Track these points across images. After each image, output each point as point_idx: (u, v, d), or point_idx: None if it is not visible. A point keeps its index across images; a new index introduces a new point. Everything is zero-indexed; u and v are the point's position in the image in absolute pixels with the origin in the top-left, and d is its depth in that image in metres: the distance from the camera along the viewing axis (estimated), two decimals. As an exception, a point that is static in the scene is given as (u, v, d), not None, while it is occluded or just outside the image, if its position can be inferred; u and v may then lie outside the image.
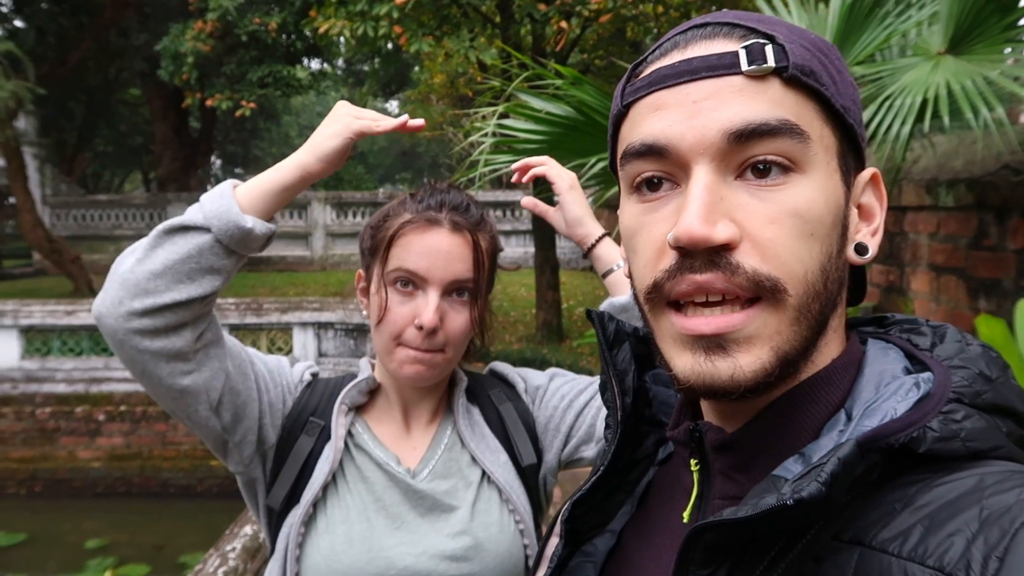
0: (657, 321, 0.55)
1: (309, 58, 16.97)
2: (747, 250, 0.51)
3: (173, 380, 1.03)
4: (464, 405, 1.22)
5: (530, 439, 1.23)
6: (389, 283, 1.11)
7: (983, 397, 0.51)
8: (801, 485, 0.45)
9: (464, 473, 1.17)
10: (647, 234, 0.55)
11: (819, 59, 0.54)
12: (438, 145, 29.97)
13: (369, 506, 1.13)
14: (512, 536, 1.14)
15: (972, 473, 0.47)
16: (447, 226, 1.11)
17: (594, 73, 11.50)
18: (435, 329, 1.09)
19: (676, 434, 0.62)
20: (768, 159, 0.51)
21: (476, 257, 1.12)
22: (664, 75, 0.54)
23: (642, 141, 0.54)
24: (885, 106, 2.15)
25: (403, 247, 1.10)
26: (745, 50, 0.52)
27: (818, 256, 0.52)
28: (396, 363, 1.12)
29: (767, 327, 0.51)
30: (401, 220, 1.12)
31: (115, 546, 6.77)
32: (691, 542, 0.49)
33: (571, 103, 2.38)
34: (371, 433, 1.19)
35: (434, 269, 1.09)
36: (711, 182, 0.51)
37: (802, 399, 0.55)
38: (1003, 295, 2.42)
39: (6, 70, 10.76)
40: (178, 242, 1.00)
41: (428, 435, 1.21)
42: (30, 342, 8.00)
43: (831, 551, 0.47)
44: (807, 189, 0.52)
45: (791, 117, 0.52)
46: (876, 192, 0.60)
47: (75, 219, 18.11)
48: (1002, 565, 0.40)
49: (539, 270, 10.24)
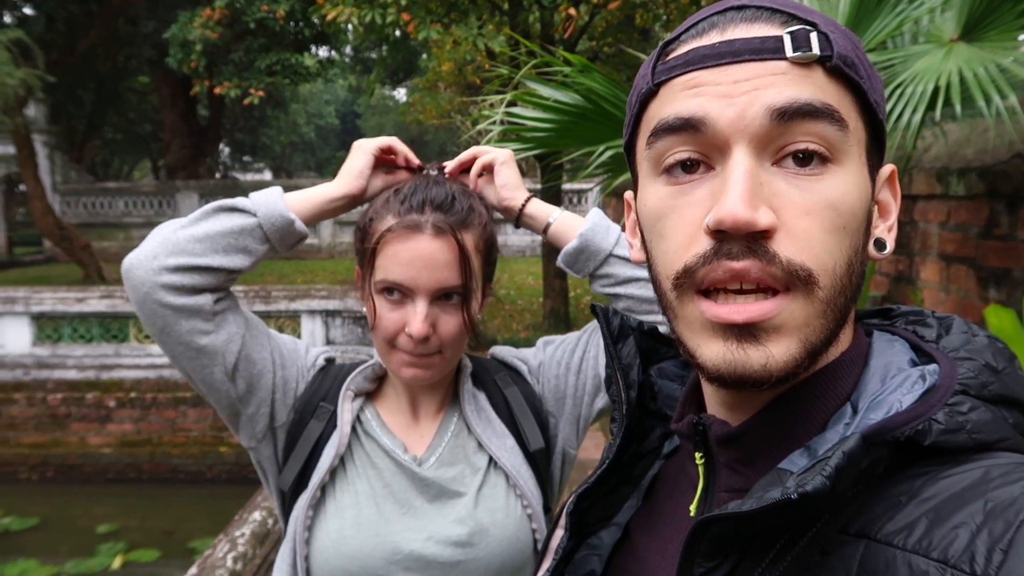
0: (683, 307, 0.53)
1: (317, 46, 16.93)
2: (783, 239, 0.50)
3: (192, 338, 1.09)
4: (470, 391, 1.22)
5: (538, 424, 1.23)
6: (377, 292, 1.10)
7: (989, 388, 0.50)
8: (805, 479, 0.44)
9: (471, 459, 1.18)
10: (678, 217, 0.53)
11: (855, 51, 0.54)
12: (446, 132, 29.91)
13: (378, 491, 1.14)
14: (519, 520, 1.15)
15: (978, 465, 0.46)
16: (429, 231, 1.08)
17: (603, 61, 11.44)
18: (427, 336, 1.08)
19: (680, 427, 0.62)
20: (810, 148, 0.51)
21: (462, 260, 1.09)
22: (703, 55, 0.53)
23: (677, 115, 0.53)
24: (897, 94, 2.13)
25: (387, 257, 1.08)
26: (790, 36, 0.51)
27: (847, 250, 0.52)
28: (394, 366, 1.13)
29: (795, 317, 0.50)
30: (384, 227, 1.09)
31: (126, 531, 6.83)
32: (696, 535, 0.49)
33: (579, 91, 2.37)
34: (380, 420, 1.20)
35: (419, 279, 1.07)
36: (751, 165, 0.50)
37: (809, 392, 0.54)
38: (1013, 285, 2.40)
39: (16, 58, 10.78)
40: (223, 219, 1.10)
41: (435, 423, 1.21)
42: (41, 329, 8.06)
43: (837, 544, 0.47)
44: (843, 182, 0.51)
45: (834, 103, 0.51)
46: (892, 189, 0.59)
47: (85, 207, 18.20)
48: (1006, 557, 0.40)
49: (547, 258, 10.23)
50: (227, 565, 3.39)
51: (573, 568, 0.67)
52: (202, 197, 17.98)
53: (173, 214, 18.02)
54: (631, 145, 0.60)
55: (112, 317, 7.93)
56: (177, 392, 7.78)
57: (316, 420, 1.18)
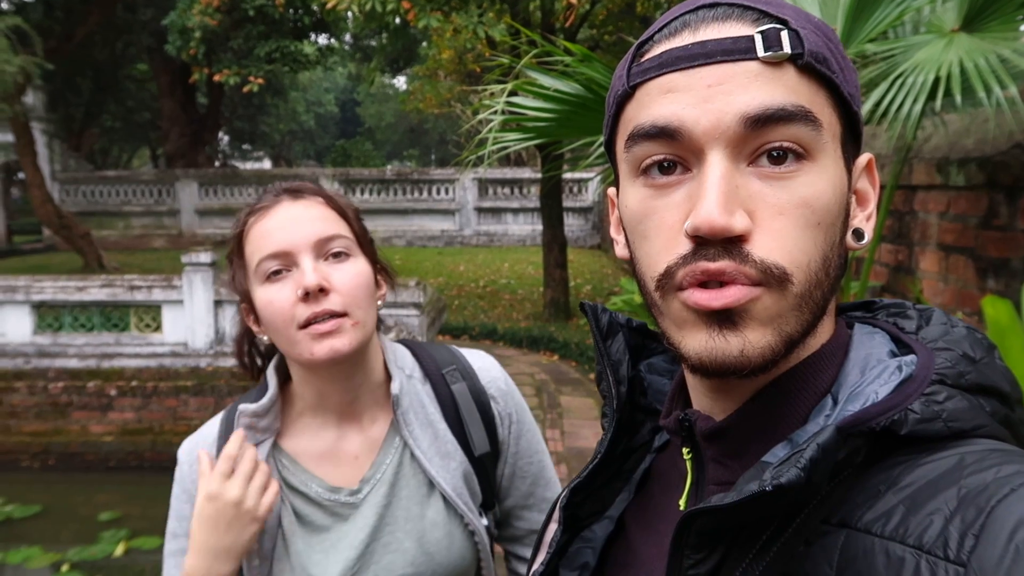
0: (667, 304, 0.55)
1: (316, 33, 16.86)
2: (758, 240, 0.51)
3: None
4: (410, 408, 1.13)
5: (485, 427, 1.16)
6: (261, 282, 1.03)
7: (966, 378, 0.51)
8: (781, 471, 0.46)
9: (413, 487, 1.11)
10: (658, 220, 0.54)
11: (827, 45, 0.54)
12: (446, 121, 29.83)
13: (317, 544, 1.08)
14: (462, 542, 1.12)
15: (953, 452, 0.47)
16: (287, 198, 1.06)
17: (603, 49, 11.40)
18: (323, 289, 1.00)
19: (668, 423, 0.63)
20: (784, 146, 0.51)
21: (334, 209, 1.07)
22: (676, 56, 0.53)
23: (653, 123, 0.53)
24: (897, 84, 2.13)
25: (256, 238, 1.04)
26: (761, 35, 0.51)
27: (822, 245, 0.52)
28: (307, 350, 1.01)
29: (768, 310, 0.51)
30: (243, 218, 1.07)
31: (127, 519, 6.87)
32: (684, 527, 0.50)
33: (580, 81, 2.37)
34: (297, 465, 1.11)
35: (293, 238, 1.02)
36: (726, 170, 0.51)
37: (791, 385, 0.55)
38: (1012, 275, 2.41)
39: (14, 45, 10.73)
40: None
41: (373, 444, 1.12)
42: (42, 318, 8.07)
43: (820, 534, 0.48)
44: (817, 178, 0.52)
45: (806, 104, 0.52)
46: (870, 177, 0.60)
47: (84, 195, 18.16)
48: (977, 542, 0.41)
49: (547, 248, 10.23)
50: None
51: (567, 561, 0.68)
52: (201, 185, 17.96)
53: (172, 202, 17.99)
54: (611, 144, 0.61)
55: (113, 306, 7.92)
56: (178, 381, 7.79)
57: None
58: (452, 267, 14.30)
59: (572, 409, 6.85)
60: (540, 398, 7.15)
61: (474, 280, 13.09)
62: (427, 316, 6.87)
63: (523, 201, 17.67)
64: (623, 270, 12.97)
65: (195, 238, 17.20)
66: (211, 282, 7.40)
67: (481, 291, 12.27)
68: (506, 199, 17.87)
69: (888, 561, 0.44)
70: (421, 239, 17.64)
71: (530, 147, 2.75)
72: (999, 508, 0.41)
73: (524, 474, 1.21)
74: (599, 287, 12.03)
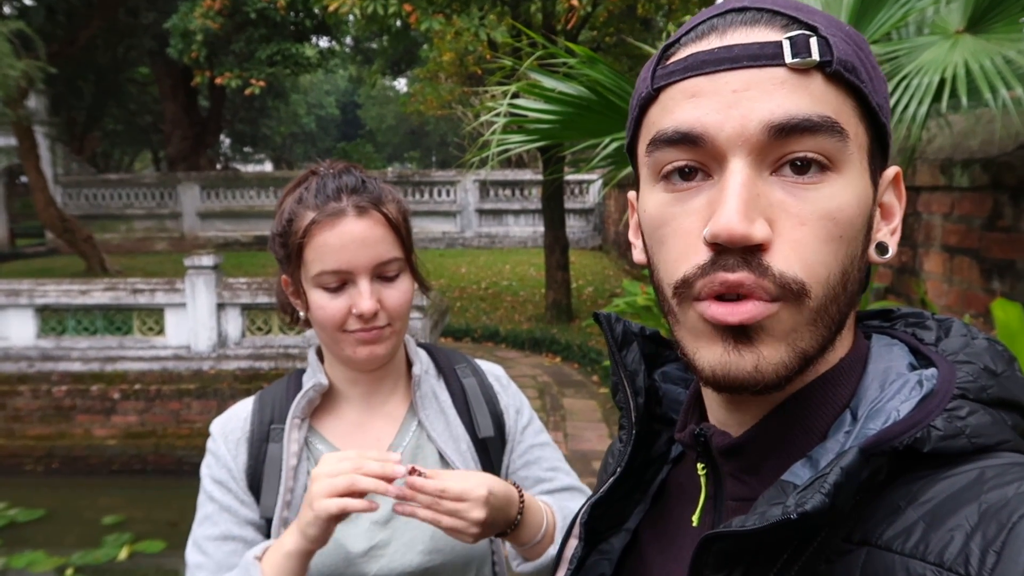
0: (684, 313, 0.53)
1: (318, 36, 16.89)
2: (778, 251, 0.49)
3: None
4: (428, 394, 1.22)
5: (491, 414, 1.24)
6: (315, 286, 1.10)
7: (988, 392, 0.50)
8: (805, 497, 0.45)
9: (428, 466, 1.16)
10: (677, 226, 0.53)
11: (857, 54, 0.53)
12: (447, 123, 29.84)
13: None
14: None
15: (974, 466, 0.47)
16: (353, 212, 1.08)
17: (604, 51, 11.40)
18: (376, 312, 1.09)
19: (683, 437, 0.62)
20: (808, 156, 0.50)
21: (392, 230, 1.11)
22: (702, 60, 0.52)
23: (676, 128, 0.52)
24: (902, 86, 2.13)
25: (317, 249, 1.08)
26: (789, 41, 0.50)
27: (842, 259, 0.51)
28: (347, 350, 1.12)
29: (783, 324, 0.50)
30: (305, 222, 1.09)
31: (131, 522, 6.87)
32: (703, 549, 0.49)
33: (584, 82, 2.36)
34: (326, 442, 1.18)
35: (356, 260, 1.08)
36: (748, 177, 0.50)
37: (810, 400, 0.54)
38: (1017, 276, 2.40)
39: (17, 49, 10.75)
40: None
41: (393, 427, 1.20)
42: (45, 321, 8.07)
43: (841, 552, 0.48)
44: (842, 190, 0.51)
45: (832, 114, 0.50)
46: (896, 191, 0.59)
47: (87, 198, 18.19)
48: (999, 559, 0.40)
49: (549, 250, 10.22)
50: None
51: (584, 573, 0.67)
52: (203, 188, 17.97)
53: (175, 205, 18.00)
54: (632, 147, 0.60)
55: (116, 309, 7.93)
56: (181, 384, 7.79)
57: (273, 443, 1.16)
58: (454, 269, 14.30)
59: (575, 411, 6.84)
60: (543, 400, 7.14)
61: (476, 282, 13.09)
62: (430, 319, 6.87)
63: (525, 203, 17.66)
64: (625, 271, 12.96)
65: (197, 241, 17.22)
66: (213, 285, 7.40)
67: (483, 293, 12.27)
68: (508, 201, 17.87)
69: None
70: (423, 241, 17.63)
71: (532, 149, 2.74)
72: (1020, 524, 0.41)
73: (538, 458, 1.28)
74: (601, 289, 12.02)
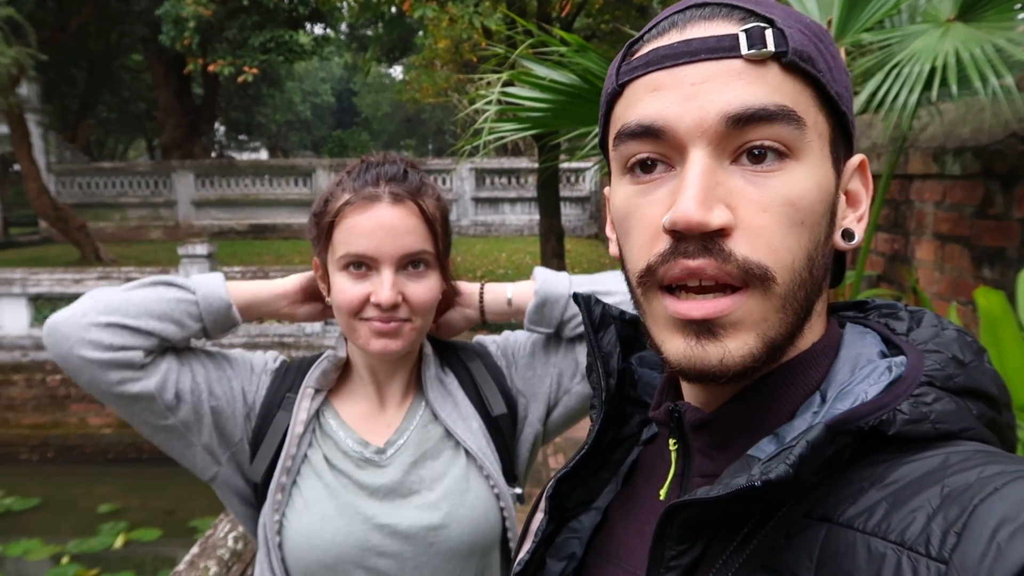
0: (649, 304, 0.55)
1: (312, 23, 16.78)
2: (739, 237, 0.51)
3: (122, 388, 1.09)
4: (434, 376, 1.23)
5: (500, 390, 1.24)
6: (340, 269, 1.10)
7: (955, 380, 0.52)
8: (770, 467, 0.46)
9: (437, 446, 1.19)
10: (640, 216, 0.55)
11: (816, 44, 0.54)
12: (442, 111, 29.75)
13: (341, 486, 1.14)
14: (486, 501, 1.16)
15: (938, 452, 0.48)
16: (387, 199, 1.07)
17: (599, 38, 11.36)
18: (396, 304, 1.08)
19: (657, 414, 0.63)
20: (764, 144, 0.51)
21: (426, 223, 1.09)
22: (662, 55, 0.54)
23: (638, 122, 0.54)
24: (893, 74, 2.13)
25: (347, 230, 1.08)
26: (745, 33, 0.52)
27: (806, 244, 0.52)
28: (362, 339, 1.11)
29: (752, 313, 0.51)
30: (340, 203, 1.09)
31: (126, 511, 6.89)
32: (667, 519, 0.51)
33: (576, 71, 2.36)
34: (338, 417, 1.20)
35: (383, 247, 1.06)
36: (707, 166, 0.51)
37: (781, 381, 0.56)
38: (1007, 264, 2.41)
39: (7, 36, 10.67)
40: (161, 290, 1.13)
41: (401, 411, 1.21)
42: (39, 310, 8.06)
43: (801, 527, 0.49)
44: (801, 176, 0.52)
45: (789, 103, 0.52)
46: (863, 178, 0.60)
47: (80, 187, 18.09)
48: (960, 540, 0.41)
49: (544, 237, 10.21)
50: (228, 544, 3.43)
51: (555, 550, 0.68)
52: (198, 177, 17.90)
53: (169, 194, 17.94)
54: (604, 142, 0.62)
55: (109, 298, 7.93)
56: (176, 372, 7.81)
57: (283, 411, 1.18)
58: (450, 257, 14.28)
59: (570, 399, 6.85)
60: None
61: (471, 270, 13.08)
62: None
63: (520, 191, 17.64)
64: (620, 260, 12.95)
65: (191, 229, 17.17)
66: (208, 274, 7.39)
67: (479, 281, 12.26)
68: (503, 189, 17.85)
69: (869, 556, 0.44)
70: (418, 229, 17.56)
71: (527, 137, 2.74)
72: (982, 507, 0.42)
73: (544, 372, 1.26)
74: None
